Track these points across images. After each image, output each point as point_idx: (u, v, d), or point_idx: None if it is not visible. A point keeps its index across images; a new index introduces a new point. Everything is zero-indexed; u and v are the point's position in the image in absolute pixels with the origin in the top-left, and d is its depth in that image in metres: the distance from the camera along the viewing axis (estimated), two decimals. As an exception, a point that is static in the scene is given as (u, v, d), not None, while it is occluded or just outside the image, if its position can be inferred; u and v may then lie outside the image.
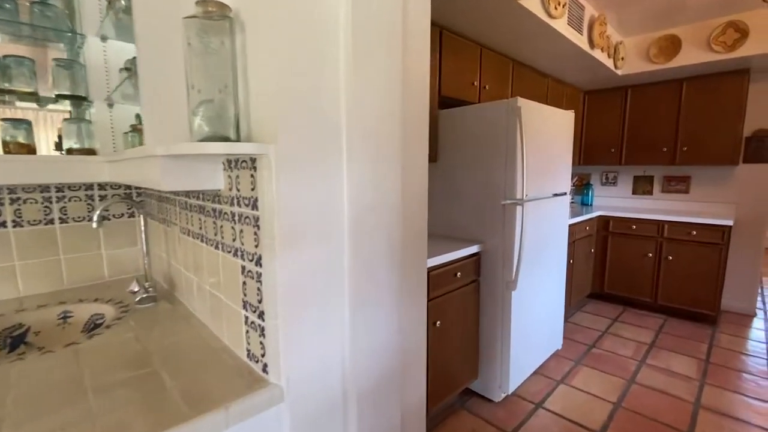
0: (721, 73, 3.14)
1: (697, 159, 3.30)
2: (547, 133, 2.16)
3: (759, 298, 3.69)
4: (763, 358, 2.68)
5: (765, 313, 3.52)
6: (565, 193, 2.45)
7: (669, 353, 2.72)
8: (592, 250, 3.56)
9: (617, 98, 3.66)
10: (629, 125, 3.62)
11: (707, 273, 3.11)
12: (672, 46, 2.98)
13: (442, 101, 2.22)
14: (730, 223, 2.98)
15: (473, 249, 1.96)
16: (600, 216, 3.58)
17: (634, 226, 3.40)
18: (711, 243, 3.08)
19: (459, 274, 1.88)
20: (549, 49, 2.56)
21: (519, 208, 1.88)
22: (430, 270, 1.71)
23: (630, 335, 3.01)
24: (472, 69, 2.33)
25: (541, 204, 2.17)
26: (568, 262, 3.07)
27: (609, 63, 3.02)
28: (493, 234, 1.99)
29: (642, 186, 3.89)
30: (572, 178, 4.13)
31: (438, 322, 1.77)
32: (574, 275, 3.27)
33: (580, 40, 2.52)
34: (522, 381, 2.28)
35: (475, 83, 2.34)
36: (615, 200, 4.06)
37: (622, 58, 3.15)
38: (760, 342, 2.93)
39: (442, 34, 2.08)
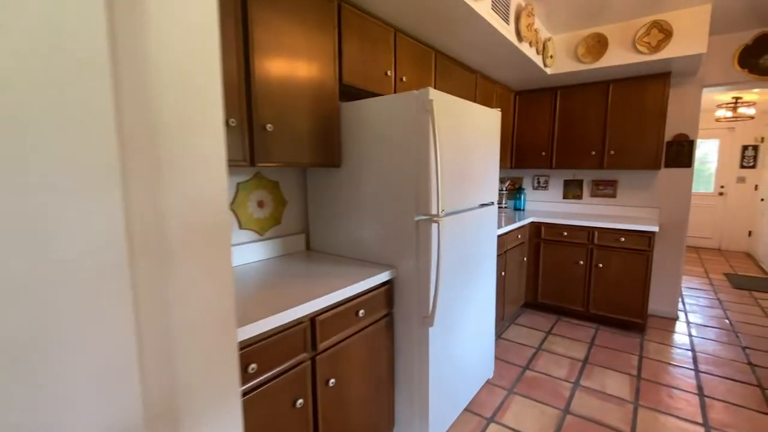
0: (645, 77, 3.08)
1: (624, 163, 3.23)
2: (470, 133, 1.83)
3: (680, 301, 3.77)
4: (690, 368, 2.61)
5: (686, 315, 3.57)
6: (493, 203, 2.15)
7: (602, 371, 2.56)
8: (525, 259, 3.38)
9: (547, 100, 3.52)
10: (559, 128, 3.49)
11: (635, 280, 3.04)
12: (599, 45, 2.85)
13: (345, 91, 1.80)
14: (655, 229, 2.91)
15: (383, 277, 1.57)
16: (532, 222, 3.41)
17: (566, 233, 3.26)
18: (638, 250, 3.00)
19: (362, 311, 1.47)
20: (475, 39, 2.26)
21: (434, 226, 1.52)
22: (316, 314, 1.28)
23: (563, 350, 2.83)
24: (385, 55, 1.94)
25: (465, 218, 1.83)
26: (500, 274, 2.82)
27: (538, 60, 2.81)
28: (407, 256, 1.61)
29: (572, 190, 3.80)
30: (505, 182, 3.96)
31: (331, 381, 1.34)
32: (507, 288, 3.04)
33: (507, 31, 2.25)
34: (450, 424, 1.93)
35: (389, 73, 1.96)
36: (547, 205, 3.95)
37: (551, 56, 2.97)
38: (685, 349, 2.89)
39: (341, 8, 1.66)
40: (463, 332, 1.91)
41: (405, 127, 1.54)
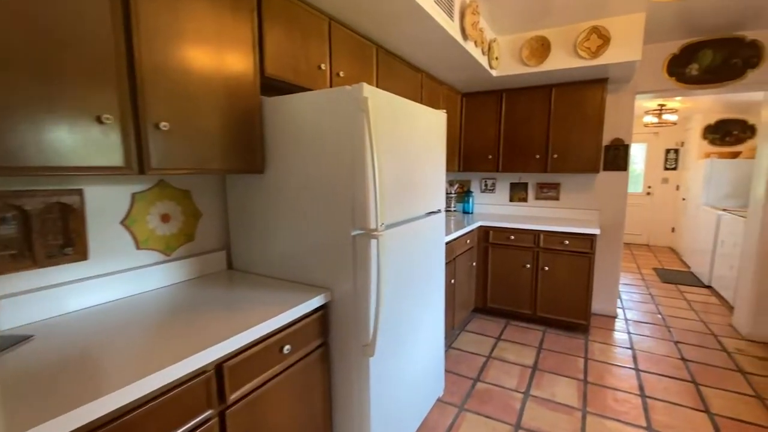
0: (584, 82, 3.13)
1: (566, 167, 3.27)
2: (414, 136, 1.66)
3: (618, 298, 3.92)
4: (631, 368, 2.66)
5: (624, 312, 3.71)
6: (440, 211, 2.01)
7: (551, 377, 2.53)
8: (474, 264, 3.31)
9: (493, 102, 3.49)
10: (505, 131, 3.47)
11: (579, 282, 3.08)
12: (542, 48, 2.83)
13: (272, 85, 1.56)
14: (597, 232, 2.96)
15: (315, 302, 1.35)
16: (480, 227, 3.35)
17: (513, 237, 3.24)
18: (582, 252, 3.04)
19: (288, 347, 1.24)
20: (418, 35, 2.10)
21: (373, 243, 1.32)
22: (224, 360, 1.03)
23: (514, 357, 2.78)
24: (318, 47, 1.72)
25: (411, 229, 1.66)
26: (450, 282, 2.71)
27: (484, 61, 2.73)
28: (344, 277, 1.40)
29: (518, 193, 3.82)
30: (453, 186, 3.89)
31: (248, 437, 1.10)
32: (457, 295, 2.94)
33: (451, 27, 2.12)
34: (396, 454, 1.76)
35: (324, 66, 1.74)
36: (494, 207, 3.94)
37: (497, 58, 2.92)
38: (625, 347, 2.96)
39: (261, -12, 1.42)
40: (410, 354, 1.74)
41: (338, 127, 1.33)
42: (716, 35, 2.96)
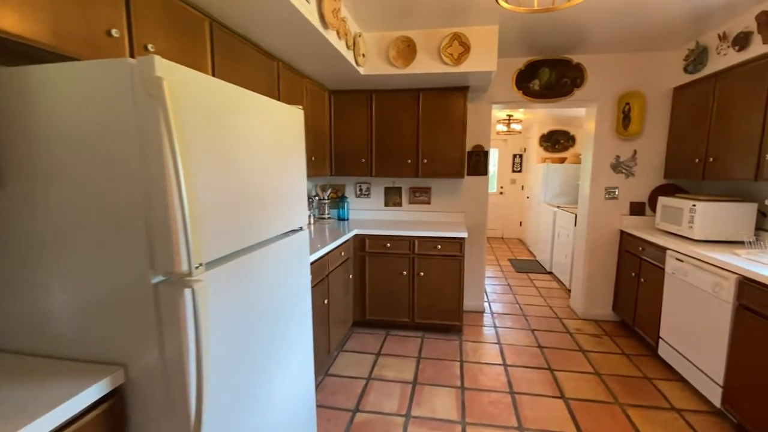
0: (449, 89, 3.18)
1: (435, 172, 3.29)
2: (260, 136, 1.28)
3: (484, 293, 4.19)
4: (500, 364, 2.78)
5: (489, 305, 3.98)
6: (302, 228, 1.67)
7: (431, 390, 2.44)
8: (350, 276, 3.07)
9: (363, 103, 3.30)
10: (377, 134, 3.33)
11: (451, 285, 3.12)
12: (409, 49, 2.74)
13: (19, 51, 0.98)
14: (465, 235, 3.03)
15: (91, 393, 0.86)
16: (356, 235, 3.13)
17: (389, 244, 3.11)
18: (453, 255, 3.08)
19: (27, 488, 0.73)
20: (267, 13, 1.71)
21: (187, 293, 0.90)
22: None
23: (394, 374, 2.62)
24: (106, 1, 1.18)
25: (258, 258, 1.28)
26: (322, 303, 2.39)
27: (349, 56, 2.49)
28: (145, 344, 0.94)
29: (392, 198, 3.74)
30: (327, 191, 3.58)
31: None
32: (332, 315, 2.64)
33: (307, 9, 1.79)
34: None
35: (116, 32, 1.21)
36: (370, 213, 3.78)
37: (363, 55, 2.71)
38: (494, 343, 3.11)
39: None
40: (265, 415, 1.35)
41: (113, 120, 0.87)
42: (551, 55, 3.33)
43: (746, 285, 1.99)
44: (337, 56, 2.35)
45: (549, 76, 3.37)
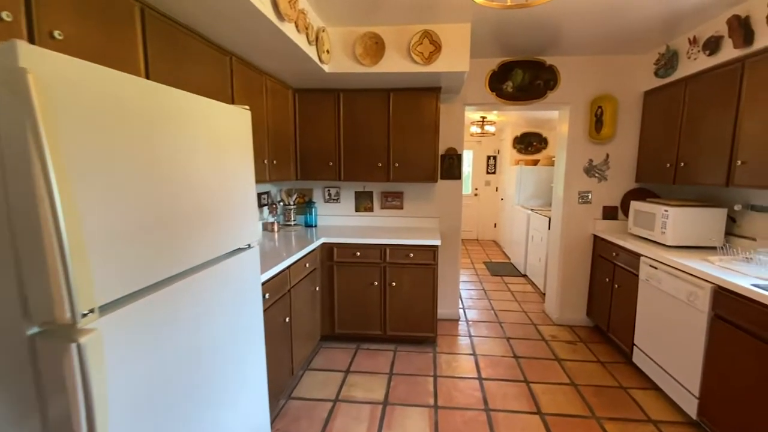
0: (420, 89, 3.04)
1: (407, 176, 3.14)
2: (194, 141, 1.08)
3: (459, 299, 4.08)
4: (475, 378, 2.66)
5: (464, 312, 3.87)
6: (250, 245, 1.47)
7: (403, 411, 2.29)
8: (317, 288, 2.87)
9: (330, 103, 3.11)
10: (345, 136, 3.14)
11: (425, 295, 2.98)
12: (377, 47, 2.57)
13: None
14: (438, 243, 2.89)
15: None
16: (324, 244, 2.93)
17: (358, 253, 2.93)
18: (425, 264, 2.94)
19: None
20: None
21: (73, 349, 0.70)
22: None
23: (363, 393, 2.45)
24: (-12, -23, 0.95)
25: (191, 287, 1.07)
26: (283, 322, 2.19)
27: (311, 52, 2.29)
28: (22, 413, 0.72)
29: (363, 202, 3.56)
30: (292, 196, 3.37)
31: None
32: (296, 333, 2.44)
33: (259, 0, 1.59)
34: None
35: (8, 16, 0.98)
36: (340, 219, 3.59)
37: (328, 51, 2.53)
38: (468, 354, 2.99)
39: None
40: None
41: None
42: (525, 57, 3.25)
43: (721, 295, 1.94)
44: (297, 52, 2.16)
45: (522, 77, 3.29)
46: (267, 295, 1.92)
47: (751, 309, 1.76)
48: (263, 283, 1.87)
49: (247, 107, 1.42)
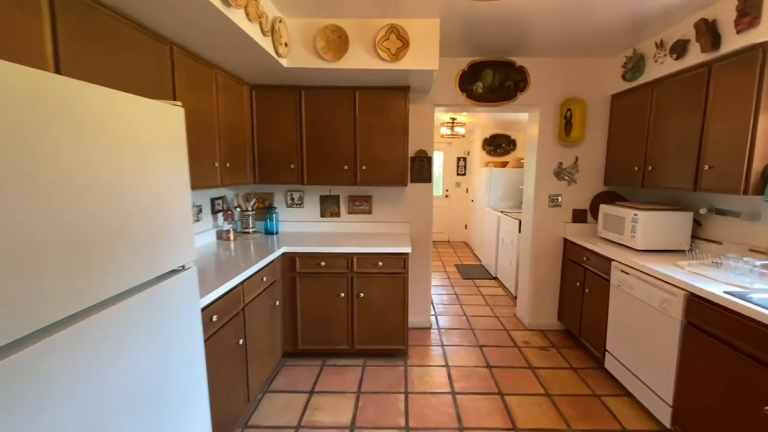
0: (388, 88, 2.87)
1: (376, 179, 2.97)
2: (91, 149, 0.85)
3: (431, 306, 3.96)
4: (448, 392, 2.52)
5: (436, 320, 3.75)
6: (183, 267, 1.24)
7: (371, 436, 2.11)
8: (277, 303, 2.64)
9: (291, 101, 2.88)
10: (308, 137, 2.93)
11: (395, 305, 2.82)
12: (340, 41, 2.38)
13: None
14: (408, 250, 2.74)
15: None
16: (285, 254, 2.71)
17: (323, 263, 2.73)
18: (395, 273, 2.78)
19: None
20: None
21: None
22: None
23: (329, 418, 2.25)
24: None
25: (93, 330, 0.85)
26: (236, 344, 1.96)
27: (266, 44, 2.07)
28: None
29: (329, 207, 3.36)
30: (251, 201, 3.11)
31: None
32: (253, 354, 2.21)
33: (196, -25, 1.37)
34: None
35: None
36: (304, 225, 3.37)
37: (286, 44, 2.31)
38: (441, 366, 2.86)
39: None
40: None
41: None
42: (495, 57, 3.17)
43: (694, 302, 1.90)
44: (249, 43, 1.93)
45: (492, 78, 3.20)
46: (214, 318, 1.69)
47: (724, 317, 1.72)
48: (209, 305, 1.64)
49: (180, 104, 1.19)
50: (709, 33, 2.09)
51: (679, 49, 2.33)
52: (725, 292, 1.76)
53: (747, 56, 1.92)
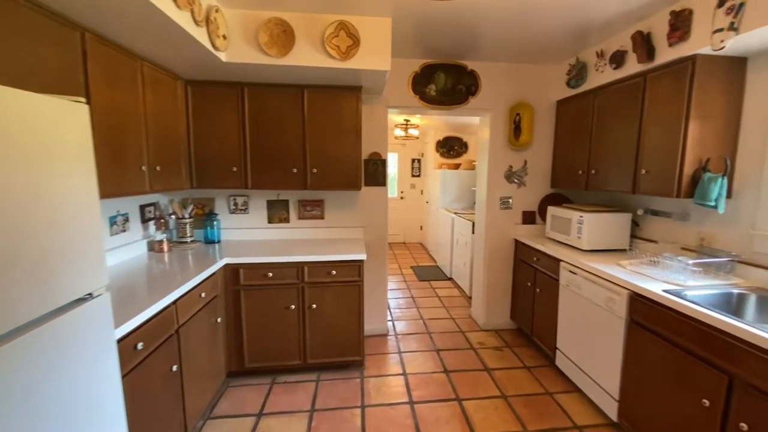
0: (339, 87, 2.75)
1: (328, 183, 2.83)
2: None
3: (387, 311, 3.88)
4: (406, 402, 2.45)
5: (393, 325, 3.67)
6: (91, 295, 1.04)
7: (325, 459, 1.98)
8: (219, 320, 2.42)
9: (233, 98, 2.66)
10: (252, 138, 2.72)
11: (350, 315, 2.70)
12: (285, 35, 2.22)
13: None
14: (363, 257, 2.63)
15: None
16: (227, 265, 2.48)
17: (271, 273, 2.54)
18: (350, 281, 2.66)
19: None
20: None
21: None
22: None
23: (279, 442, 2.08)
24: None
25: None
26: (169, 370, 1.73)
27: (199, 35, 1.87)
28: None
29: (278, 213, 3.16)
30: (188, 207, 2.84)
31: None
32: (189, 380, 1.99)
33: (105, -52, 1.16)
34: None
35: None
36: (249, 232, 3.14)
37: (224, 37, 2.11)
38: (398, 374, 2.78)
39: None
40: None
41: None
42: (447, 60, 3.15)
43: (637, 301, 1.98)
44: (178, 33, 1.72)
45: (445, 81, 3.19)
46: (140, 346, 1.47)
47: (664, 315, 1.80)
48: (132, 332, 1.42)
49: (83, 99, 0.99)
50: (645, 45, 2.20)
51: (618, 59, 2.44)
52: (664, 291, 1.85)
53: (678, 68, 2.04)
